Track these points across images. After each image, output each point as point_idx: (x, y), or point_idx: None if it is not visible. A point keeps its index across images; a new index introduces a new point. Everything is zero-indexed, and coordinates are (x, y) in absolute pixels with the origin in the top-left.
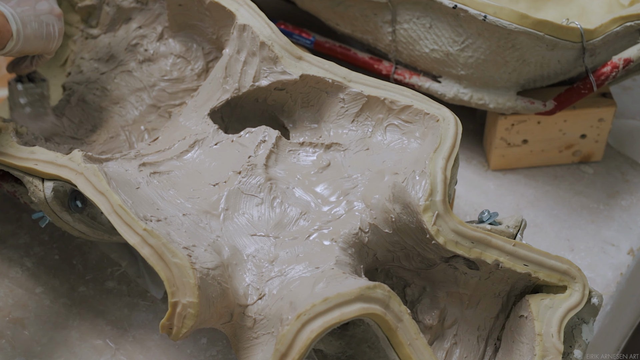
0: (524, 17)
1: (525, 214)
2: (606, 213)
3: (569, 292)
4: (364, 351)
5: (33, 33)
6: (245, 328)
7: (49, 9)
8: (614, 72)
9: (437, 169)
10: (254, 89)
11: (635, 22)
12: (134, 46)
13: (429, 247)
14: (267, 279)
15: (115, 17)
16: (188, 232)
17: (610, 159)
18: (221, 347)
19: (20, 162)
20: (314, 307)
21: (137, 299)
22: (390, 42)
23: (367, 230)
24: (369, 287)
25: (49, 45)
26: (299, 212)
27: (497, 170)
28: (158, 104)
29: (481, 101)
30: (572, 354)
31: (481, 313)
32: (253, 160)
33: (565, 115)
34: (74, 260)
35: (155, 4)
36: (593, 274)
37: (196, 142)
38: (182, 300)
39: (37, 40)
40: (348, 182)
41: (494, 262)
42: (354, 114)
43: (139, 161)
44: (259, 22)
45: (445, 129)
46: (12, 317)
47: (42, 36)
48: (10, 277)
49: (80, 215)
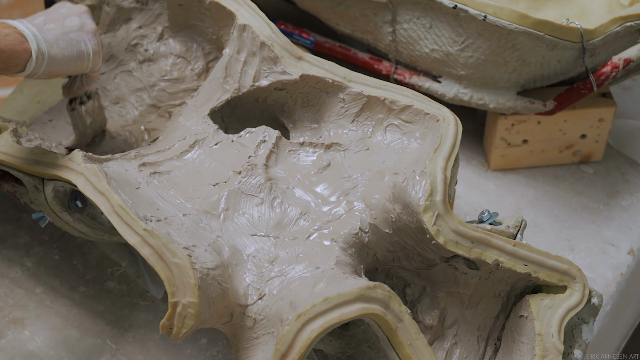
0: (524, 17)
1: (525, 214)
2: (606, 213)
3: (569, 292)
4: (364, 351)
5: (61, 53)
6: (246, 328)
7: (79, 25)
8: (614, 72)
9: (437, 169)
10: (254, 89)
11: (635, 22)
12: (134, 46)
13: (429, 247)
14: (267, 279)
15: (115, 17)
16: (188, 232)
17: (610, 159)
18: (221, 347)
19: (20, 162)
20: (314, 307)
21: (137, 299)
22: (390, 42)
23: (367, 230)
24: (369, 287)
25: (83, 65)
26: (299, 212)
27: (497, 170)
28: (158, 104)
29: (481, 101)
30: (572, 354)
31: (481, 313)
32: (253, 160)
33: (566, 115)
34: (74, 260)
35: (155, 4)
36: (593, 274)
37: (196, 142)
38: (182, 300)
39: (67, 61)
40: (348, 182)
41: (494, 262)
42: (354, 114)
43: (139, 161)
44: (259, 22)
45: (445, 129)
46: (12, 317)
47: (73, 56)
48: (10, 277)
49: (80, 215)
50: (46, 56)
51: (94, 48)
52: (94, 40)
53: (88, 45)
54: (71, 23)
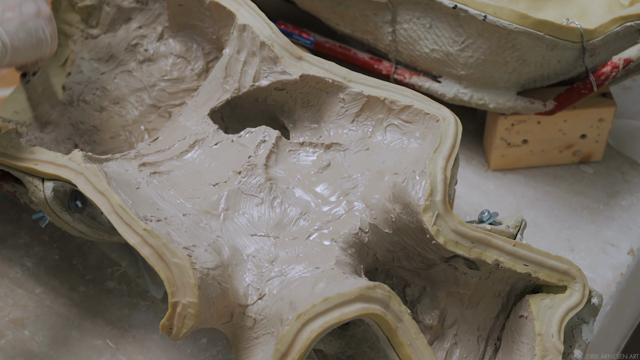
0: (524, 17)
1: (525, 214)
2: (606, 213)
3: (569, 292)
4: (364, 351)
5: (22, 44)
6: (245, 328)
7: (36, 11)
8: (614, 72)
9: (437, 169)
10: (254, 89)
11: (635, 22)
12: (134, 46)
13: (429, 247)
14: (267, 279)
15: (115, 17)
16: (188, 232)
17: (610, 159)
18: (221, 347)
19: (20, 162)
20: (314, 307)
21: (137, 299)
22: (390, 42)
23: (367, 230)
24: (369, 287)
25: (41, 52)
26: (299, 212)
27: (497, 170)
28: (158, 104)
29: (481, 101)
30: (572, 354)
31: (481, 313)
32: (253, 160)
33: (565, 115)
34: (74, 260)
35: (155, 4)
36: (593, 274)
37: (196, 142)
38: (182, 300)
39: (27, 51)
40: (348, 182)
41: (494, 262)
42: (354, 114)
43: (139, 161)
44: (259, 22)
45: (445, 129)
46: (12, 317)
47: (33, 45)
48: (10, 277)
49: (80, 215)
50: (9, 49)
51: (52, 34)
52: (50, 26)
53: (46, 32)
54: (28, 10)
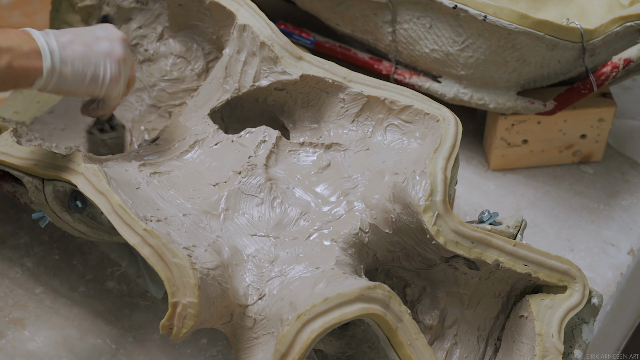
0: (524, 17)
1: (525, 214)
2: (606, 213)
3: (569, 292)
4: (364, 351)
5: (72, 73)
6: (246, 328)
7: (107, 51)
8: (614, 72)
9: (437, 169)
10: (254, 89)
11: (635, 22)
12: (134, 46)
13: (429, 247)
14: (267, 279)
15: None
16: (188, 232)
17: (610, 159)
18: (221, 347)
19: (20, 162)
20: (314, 307)
21: (137, 299)
22: (390, 42)
23: (367, 230)
24: (369, 287)
25: (95, 89)
26: (299, 212)
27: (497, 170)
28: (158, 104)
29: (481, 101)
30: (572, 354)
31: (481, 313)
32: (253, 161)
33: (565, 115)
34: (74, 260)
35: (155, 4)
36: (593, 274)
37: (196, 142)
38: (182, 300)
39: (77, 82)
40: (348, 182)
41: (494, 262)
42: (354, 114)
43: (139, 161)
44: (259, 22)
45: (445, 129)
46: (12, 317)
47: (84, 78)
48: (10, 277)
49: (80, 215)
50: (56, 74)
51: (112, 75)
52: (115, 67)
53: (106, 71)
54: (100, 47)
